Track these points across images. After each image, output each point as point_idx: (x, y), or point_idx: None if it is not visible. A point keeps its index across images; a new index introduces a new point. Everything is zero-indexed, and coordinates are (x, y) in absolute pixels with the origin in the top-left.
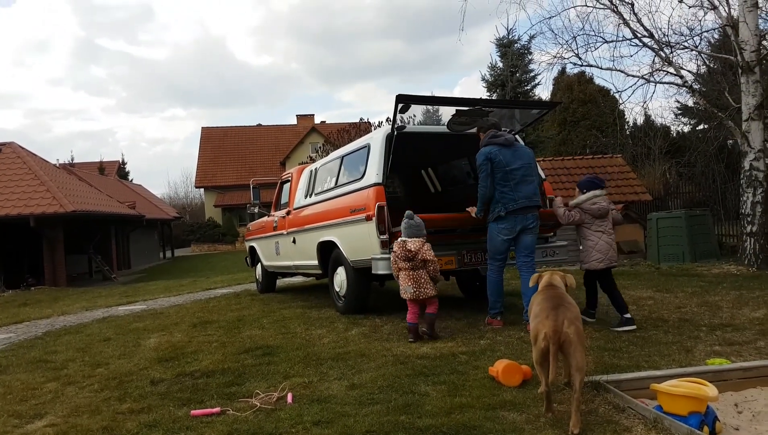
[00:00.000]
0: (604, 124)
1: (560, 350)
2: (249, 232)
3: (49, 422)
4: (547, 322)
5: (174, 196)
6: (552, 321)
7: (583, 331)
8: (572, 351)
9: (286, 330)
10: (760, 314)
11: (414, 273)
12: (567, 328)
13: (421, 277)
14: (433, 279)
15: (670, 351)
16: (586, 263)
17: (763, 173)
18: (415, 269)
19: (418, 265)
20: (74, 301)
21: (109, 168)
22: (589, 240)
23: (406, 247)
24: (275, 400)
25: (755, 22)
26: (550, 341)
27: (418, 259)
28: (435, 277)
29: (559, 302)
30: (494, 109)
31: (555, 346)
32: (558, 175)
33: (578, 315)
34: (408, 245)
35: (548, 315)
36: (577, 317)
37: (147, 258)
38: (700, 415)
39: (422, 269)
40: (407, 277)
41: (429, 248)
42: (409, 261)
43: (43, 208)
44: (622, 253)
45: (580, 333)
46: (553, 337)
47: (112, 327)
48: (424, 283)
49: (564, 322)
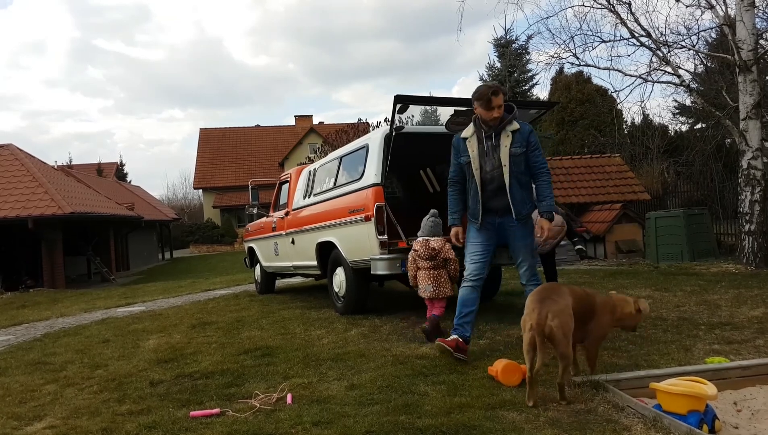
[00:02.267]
0: (602, 124)
1: (548, 340)
2: (248, 233)
3: (48, 424)
4: (533, 314)
5: (172, 197)
6: (536, 314)
7: (569, 323)
8: (555, 343)
9: (286, 331)
10: (759, 313)
11: (435, 272)
12: (551, 320)
13: (441, 276)
14: (452, 278)
15: (669, 350)
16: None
17: (761, 172)
18: (436, 268)
19: (440, 265)
20: (73, 303)
21: (107, 169)
22: None
23: (429, 245)
24: (275, 400)
25: (752, 21)
26: (534, 332)
27: (440, 257)
28: (454, 277)
29: (547, 295)
30: None
31: (539, 337)
32: (556, 175)
33: (564, 308)
34: (431, 244)
35: (534, 308)
36: (562, 311)
37: (146, 259)
38: (699, 413)
39: (443, 268)
40: (427, 276)
41: (450, 247)
42: (431, 260)
43: (41, 209)
44: (620, 252)
45: (564, 325)
46: (537, 329)
47: (111, 328)
48: (443, 282)
49: (548, 314)
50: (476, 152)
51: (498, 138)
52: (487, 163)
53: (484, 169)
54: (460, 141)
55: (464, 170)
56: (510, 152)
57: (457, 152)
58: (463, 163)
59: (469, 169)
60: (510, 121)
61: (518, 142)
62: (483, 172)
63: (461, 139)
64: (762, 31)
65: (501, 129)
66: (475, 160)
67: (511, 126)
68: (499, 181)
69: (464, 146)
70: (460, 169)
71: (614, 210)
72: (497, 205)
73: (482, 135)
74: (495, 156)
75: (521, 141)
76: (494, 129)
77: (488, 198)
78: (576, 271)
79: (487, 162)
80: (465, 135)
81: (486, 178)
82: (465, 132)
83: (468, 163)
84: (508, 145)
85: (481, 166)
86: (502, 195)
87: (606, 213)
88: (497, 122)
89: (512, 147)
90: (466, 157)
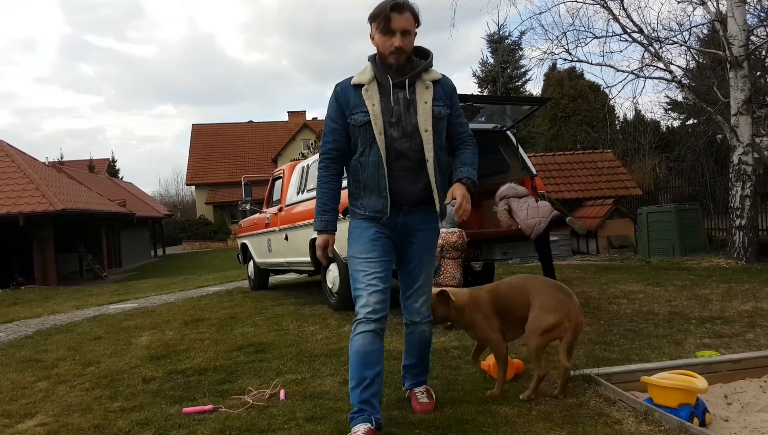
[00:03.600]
0: (594, 120)
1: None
2: (241, 229)
3: (39, 421)
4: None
5: (165, 193)
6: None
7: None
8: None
9: (279, 327)
10: (749, 307)
11: (460, 260)
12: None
13: (461, 264)
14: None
15: (660, 344)
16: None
17: (752, 167)
18: (461, 257)
19: (463, 254)
20: (65, 300)
21: (99, 166)
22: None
23: (464, 236)
24: (268, 396)
25: (743, 18)
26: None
27: (465, 247)
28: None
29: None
30: (486, 105)
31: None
32: (549, 171)
33: None
34: (464, 235)
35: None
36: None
37: (138, 256)
38: (690, 407)
39: (461, 258)
40: (456, 265)
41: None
42: (461, 251)
43: (32, 206)
44: (612, 247)
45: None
46: (579, 329)
47: (103, 325)
48: (461, 269)
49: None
50: (378, 108)
51: (413, 90)
52: (396, 127)
53: (390, 135)
54: (348, 90)
55: (351, 137)
56: (432, 111)
57: (341, 108)
58: (355, 125)
59: (365, 133)
60: (426, 68)
61: (440, 98)
62: (390, 140)
63: (350, 88)
64: (753, 27)
65: (416, 76)
66: (378, 120)
67: (430, 74)
68: (414, 156)
69: (357, 98)
70: (345, 135)
71: (606, 205)
72: (408, 192)
73: (388, 83)
74: (408, 116)
75: (444, 98)
76: (405, 75)
77: (395, 181)
78: (568, 266)
79: (396, 125)
80: (359, 81)
81: (394, 150)
82: (358, 76)
83: (365, 124)
84: (429, 100)
85: (386, 130)
86: (417, 177)
87: (598, 208)
88: (402, 60)
89: (434, 104)
90: (361, 115)
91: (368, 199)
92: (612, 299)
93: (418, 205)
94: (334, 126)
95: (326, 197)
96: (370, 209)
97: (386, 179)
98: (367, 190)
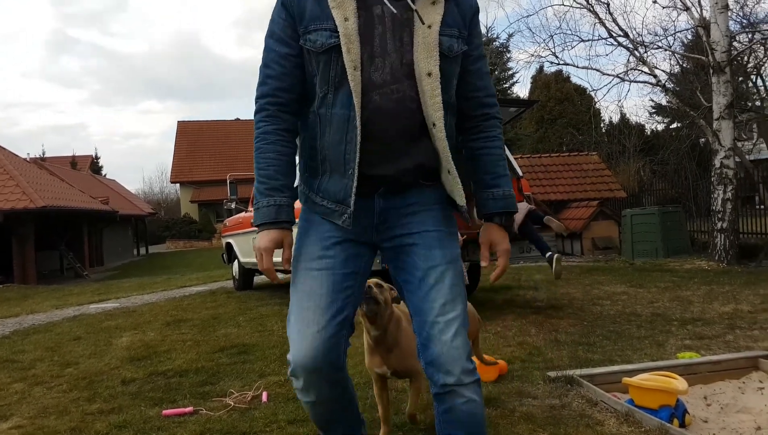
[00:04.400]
0: (580, 122)
1: None
2: (226, 228)
3: (14, 424)
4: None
5: (149, 191)
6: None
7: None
8: None
9: (263, 328)
10: (729, 309)
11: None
12: None
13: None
14: None
15: (642, 345)
16: None
17: (734, 171)
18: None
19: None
20: (44, 299)
21: (82, 162)
22: None
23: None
24: (250, 399)
25: (726, 24)
26: None
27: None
28: None
29: None
30: None
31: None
32: (535, 172)
33: None
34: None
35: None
36: None
37: (120, 255)
38: (670, 408)
39: None
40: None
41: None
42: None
43: (12, 203)
44: (597, 249)
45: None
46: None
47: (82, 326)
48: None
49: None
50: (354, 24)
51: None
52: (379, 63)
53: (368, 76)
54: None
55: (306, 72)
56: (441, 43)
57: (293, 21)
58: (312, 50)
59: (329, 66)
60: None
61: (455, 24)
62: (368, 85)
63: None
64: (735, 34)
65: None
66: (353, 44)
67: None
68: (409, 118)
69: (317, 7)
70: (300, 67)
71: (591, 207)
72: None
73: None
74: (400, 47)
75: (461, 25)
76: None
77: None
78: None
79: (379, 60)
80: None
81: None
82: None
83: (329, 50)
84: (437, 23)
85: (364, 64)
86: (408, 152)
87: (583, 210)
88: None
89: (444, 32)
90: (324, 34)
91: (328, 179)
92: (596, 300)
93: (410, 187)
94: (284, 50)
95: (274, 168)
96: (329, 197)
97: (357, 148)
98: (327, 164)
